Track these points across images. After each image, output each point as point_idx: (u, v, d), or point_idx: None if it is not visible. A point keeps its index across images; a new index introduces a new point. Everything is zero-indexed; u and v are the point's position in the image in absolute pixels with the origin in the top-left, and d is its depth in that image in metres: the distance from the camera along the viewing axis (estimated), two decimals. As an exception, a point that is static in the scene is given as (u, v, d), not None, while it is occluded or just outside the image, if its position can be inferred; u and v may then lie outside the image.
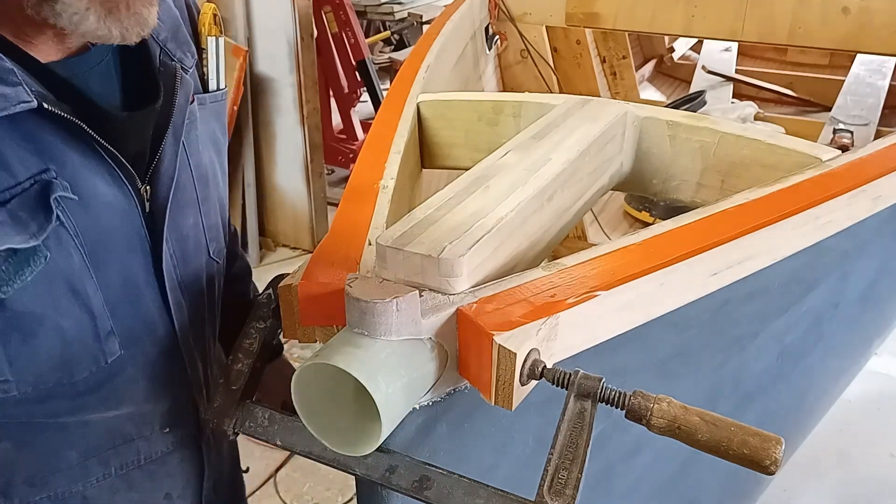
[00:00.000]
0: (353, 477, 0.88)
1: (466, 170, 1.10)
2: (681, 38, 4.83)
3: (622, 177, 1.37)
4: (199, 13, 1.14)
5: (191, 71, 1.07)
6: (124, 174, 0.93)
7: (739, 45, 4.55)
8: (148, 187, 0.98)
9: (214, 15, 1.13)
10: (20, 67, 0.84)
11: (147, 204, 0.98)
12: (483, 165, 1.11)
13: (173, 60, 1.03)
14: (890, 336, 2.20)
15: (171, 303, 1.02)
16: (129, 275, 0.96)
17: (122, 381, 0.99)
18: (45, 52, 0.90)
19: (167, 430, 1.09)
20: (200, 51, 1.13)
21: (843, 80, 3.77)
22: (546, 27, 3.40)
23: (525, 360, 0.79)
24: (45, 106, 0.84)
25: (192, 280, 1.07)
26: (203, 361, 1.12)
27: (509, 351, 0.77)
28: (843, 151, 1.27)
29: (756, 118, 3.60)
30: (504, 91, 3.36)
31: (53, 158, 0.86)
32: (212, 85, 1.13)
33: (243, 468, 1.38)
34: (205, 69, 1.13)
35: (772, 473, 0.74)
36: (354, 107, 4.82)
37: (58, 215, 0.86)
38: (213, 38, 1.13)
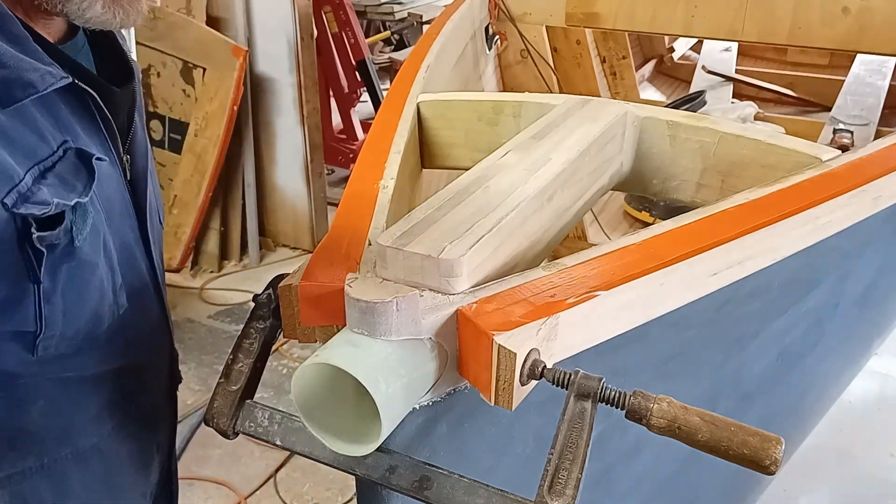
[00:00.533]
0: (354, 477, 0.88)
1: (466, 170, 1.10)
2: (681, 38, 4.83)
3: (622, 177, 1.37)
4: None
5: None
6: (113, 145, 1.01)
7: (739, 45, 4.54)
8: (128, 156, 1.07)
9: None
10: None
11: (128, 172, 1.06)
12: (483, 165, 1.11)
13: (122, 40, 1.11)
14: (890, 336, 2.20)
15: (154, 260, 1.12)
16: (123, 236, 1.04)
17: (130, 333, 1.07)
18: (43, 34, 0.96)
19: (157, 379, 1.18)
20: None
21: (843, 80, 3.77)
22: (546, 27, 3.40)
23: (525, 360, 0.79)
24: (76, 82, 0.91)
25: (158, 240, 1.19)
26: (168, 309, 1.21)
27: (509, 351, 0.77)
28: (843, 151, 1.27)
29: (756, 118, 3.60)
30: (504, 91, 3.36)
31: (68, 130, 0.93)
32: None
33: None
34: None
35: (772, 473, 0.74)
36: (354, 107, 4.82)
37: None
38: None
